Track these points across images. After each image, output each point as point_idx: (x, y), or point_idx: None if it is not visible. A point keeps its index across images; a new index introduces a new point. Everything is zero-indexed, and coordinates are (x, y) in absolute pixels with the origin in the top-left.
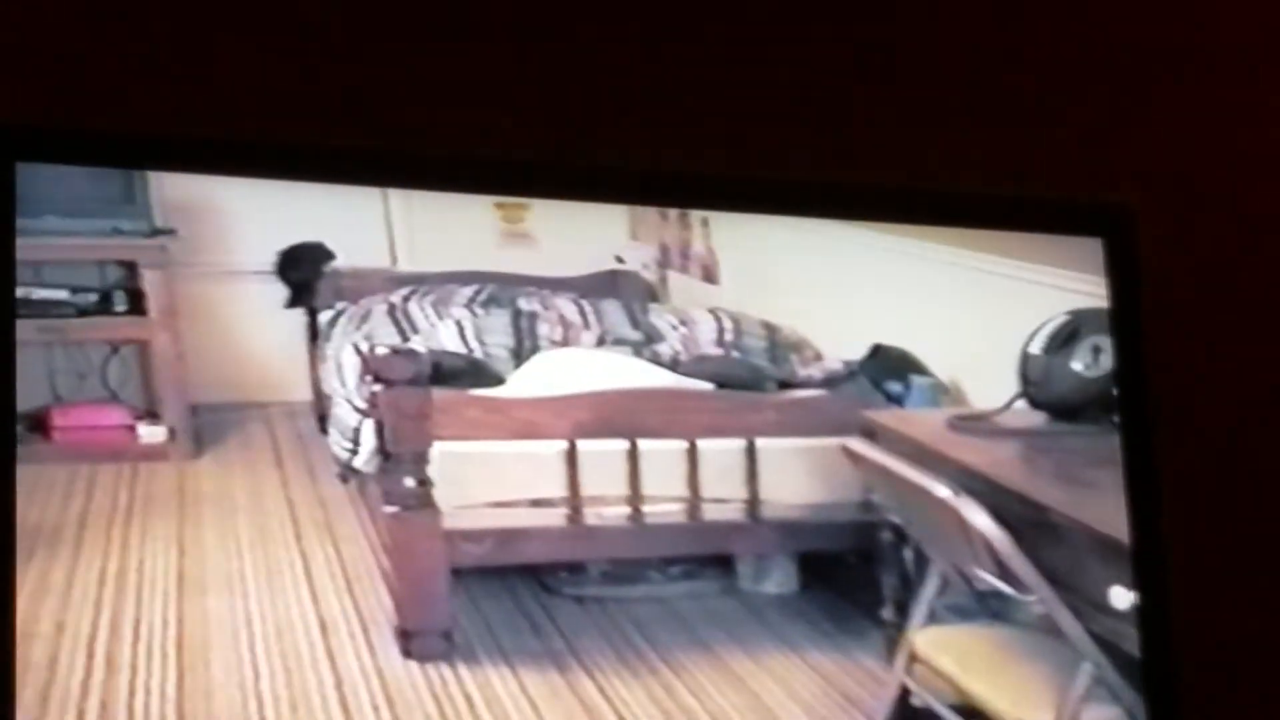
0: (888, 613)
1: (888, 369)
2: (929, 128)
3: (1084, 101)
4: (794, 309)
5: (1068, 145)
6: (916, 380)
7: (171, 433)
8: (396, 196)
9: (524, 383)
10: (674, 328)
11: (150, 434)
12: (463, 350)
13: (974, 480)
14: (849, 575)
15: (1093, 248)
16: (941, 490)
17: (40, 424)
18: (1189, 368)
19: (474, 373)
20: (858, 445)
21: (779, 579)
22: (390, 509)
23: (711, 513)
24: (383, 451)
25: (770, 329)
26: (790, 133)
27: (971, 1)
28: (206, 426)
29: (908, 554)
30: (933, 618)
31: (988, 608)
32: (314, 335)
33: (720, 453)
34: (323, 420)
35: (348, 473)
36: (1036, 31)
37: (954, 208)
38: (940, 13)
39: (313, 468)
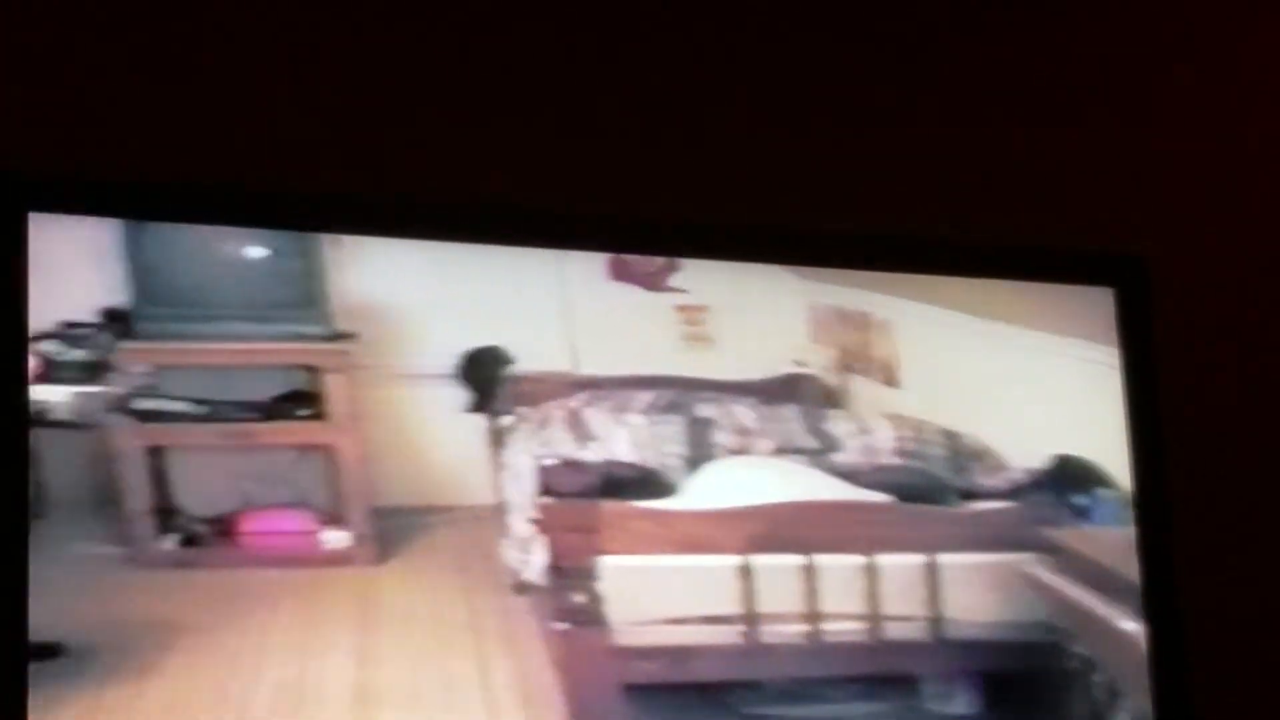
0: None
1: (1072, 481)
2: (941, 178)
3: (1097, 152)
4: (976, 414)
5: (1081, 196)
6: (1102, 493)
7: (355, 538)
8: (578, 295)
9: (697, 493)
10: (852, 436)
11: (334, 539)
12: (636, 459)
13: None
14: (1037, 696)
15: None
16: (1127, 624)
17: (228, 528)
18: (1203, 419)
19: (647, 483)
20: (1038, 571)
21: (964, 700)
22: (560, 625)
23: (892, 631)
24: (553, 565)
25: (951, 437)
26: (793, 180)
27: (983, 52)
28: (391, 531)
29: (1097, 683)
30: None
31: None
32: (495, 440)
33: (900, 568)
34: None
35: (521, 585)
36: (1048, 83)
37: (967, 258)
38: (951, 63)
39: (496, 575)
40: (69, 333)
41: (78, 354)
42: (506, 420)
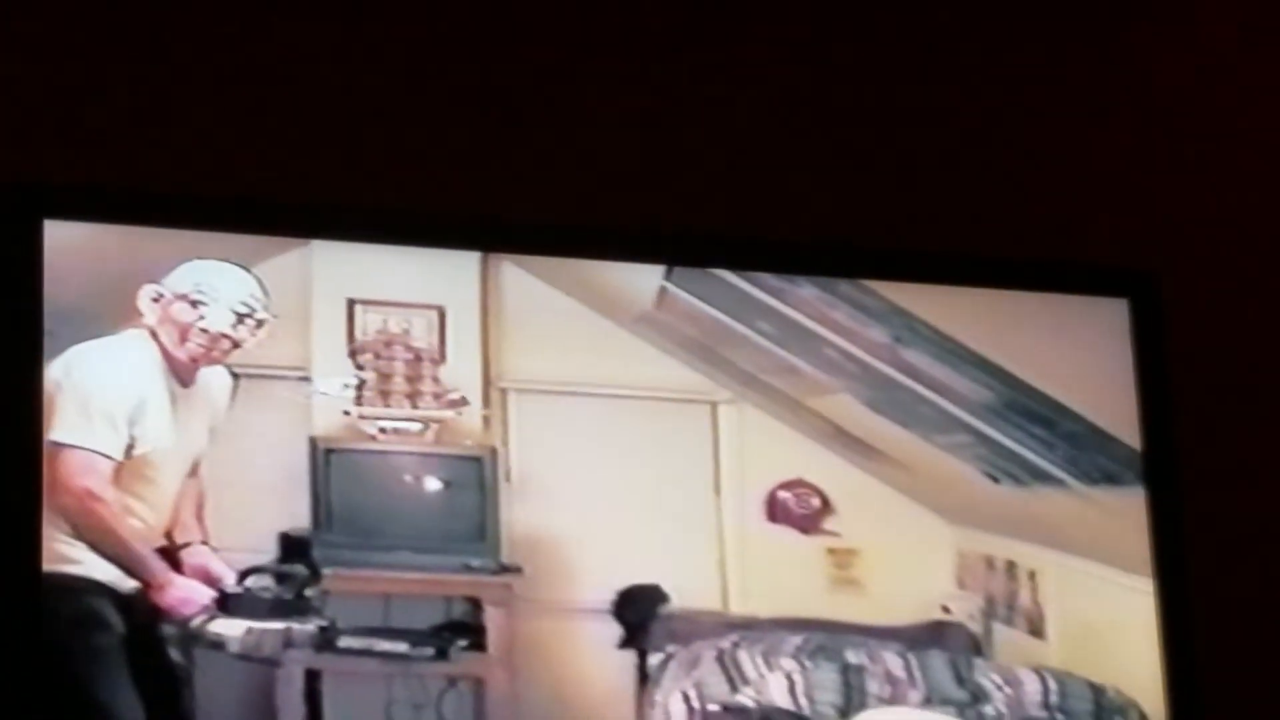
0: None
1: None
2: (957, 192)
3: (1110, 164)
4: (1121, 666)
5: (1094, 208)
6: None
7: None
8: (733, 536)
9: None
10: (999, 687)
11: None
12: (792, 707)
13: None
14: None
15: None
16: None
17: None
18: (1216, 430)
19: None
20: None
21: None
22: None
23: None
24: None
25: (1096, 690)
26: (815, 192)
27: (994, 65)
28: None
29: None
30: None
31: None
32: (643, 678)
33: None
34: None
35: None
36: (1061, 95)
37: (980, 271)
38: (966, 77)
39: None
40: (279, 569)
41: (278, 589)
42: (656, 658)
